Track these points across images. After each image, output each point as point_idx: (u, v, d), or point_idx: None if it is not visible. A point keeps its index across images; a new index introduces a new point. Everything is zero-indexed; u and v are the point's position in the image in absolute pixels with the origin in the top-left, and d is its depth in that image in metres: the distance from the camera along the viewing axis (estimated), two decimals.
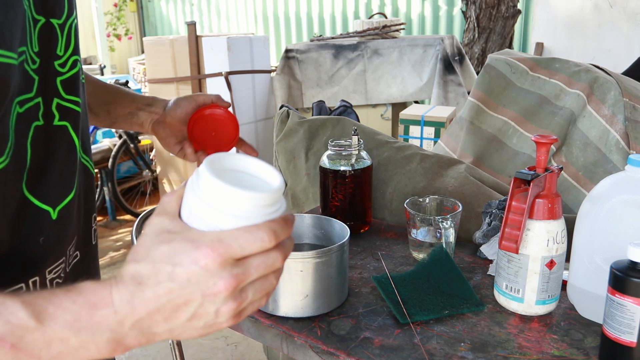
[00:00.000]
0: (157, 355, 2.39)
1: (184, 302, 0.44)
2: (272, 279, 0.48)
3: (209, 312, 0.45)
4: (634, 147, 1.28)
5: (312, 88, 3.67)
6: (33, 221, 0.59)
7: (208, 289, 0.44)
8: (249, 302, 0.46)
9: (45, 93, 0.59)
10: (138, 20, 7.83)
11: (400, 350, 0.80)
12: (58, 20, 0.61)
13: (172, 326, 0.45)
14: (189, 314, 0.45)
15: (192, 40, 3.49)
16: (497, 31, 4.47)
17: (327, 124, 1.48)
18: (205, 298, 0.44)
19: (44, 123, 0.59)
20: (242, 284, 0.45)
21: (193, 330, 0.46)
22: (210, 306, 0.44)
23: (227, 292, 0.44)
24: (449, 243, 1.04)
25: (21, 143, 0.55)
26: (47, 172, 0.61)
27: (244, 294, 0.46)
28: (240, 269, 0.44)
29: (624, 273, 0.71)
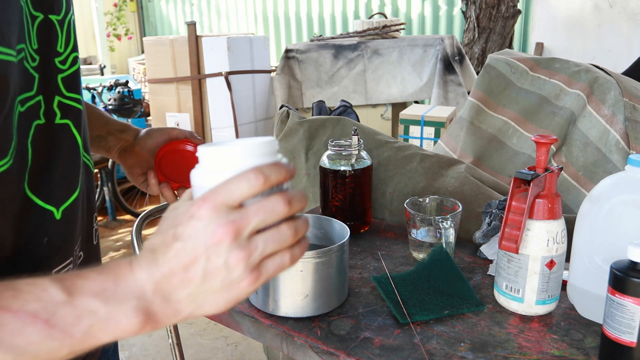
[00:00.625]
0: (157, 355, 2.39)
1: (191, 260, 0.45)
2: (285, 229, 0.47)
3: (219, 267, 0.44)
4: (634, 147, 1.28)
5: (312, 88, 3.67)
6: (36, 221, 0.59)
7: (208, 239, 0.44)
8: (261, 253, 0.46)
9: (46, 91, 0.59)
10: (138, 20, 7.83)
11: (400, 350, 0.80)
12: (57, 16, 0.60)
13: (190, 290, 0.45)
14: (200, 272, 0.45)
15: (192, 40, 3.49)
16: (497, 31, 4.47)
17: (327, 124, 1.48)
18: (209, 250, 0.44)
19: (45, 122, 0.59)
20: (244, 230, 0.45)
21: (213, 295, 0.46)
22: (216, 258, 0.44)
23: (229, 238, 0.44)
24: (449, 243, 1.04)
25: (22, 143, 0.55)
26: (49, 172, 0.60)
27: (252, 244, 0.45)
28: (237, 214, 0.44)
29: (624, 273, 0.71)
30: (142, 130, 0.91)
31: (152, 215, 1.24)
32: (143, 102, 4.09)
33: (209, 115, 3.61)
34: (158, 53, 3.64)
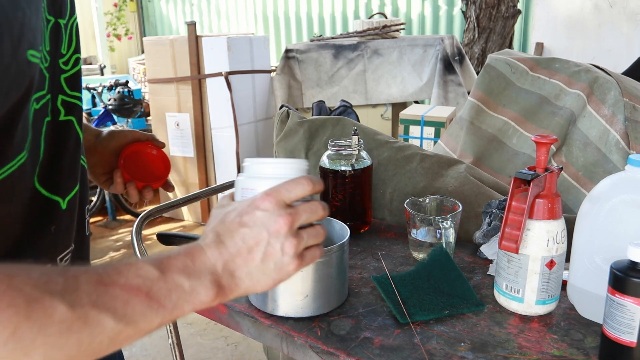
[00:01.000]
0: (157, 355, 2.39)
1: (255, 243, 0.55)
2: (320, 229, 0.59)
3: (277, 250, 0.55)
4: (634, 147, 1.28)
5: (312, 88, 3.67)
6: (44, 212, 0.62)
7: (271, 226, 0.55)
8: (305, 244, 0.57)
9: (53, 90, 0.63)
10: (138, 20, 7.83)
11: (400, 350, 0.80)
12: (63, 20, 0.64)
13: (250, 269, 0.55)
14: (261, 254, 0.55)
15: (192, 40, 3.49)
16: (497, 31, 4.47)
17: (327, 124, 1.48)
18: (271, 235, 0.55)
19: (51, 118, 0.63)
20: (296, 223, 0.56)
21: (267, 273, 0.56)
22: (276, 242, 0.55)
23: (287, 226, 0.55)
24: (449, 243, 1.04)
25: (37, 138, 0.59)
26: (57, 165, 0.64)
27: (300, 235, 0.56)
28: (292, 210, 0.56)
29: (624, 273, 0.71)
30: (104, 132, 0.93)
31: (152, 215, 1.23)
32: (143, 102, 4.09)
33: (209, 115, 3.61)
34: (158, 53, 3.63)
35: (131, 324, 0.48)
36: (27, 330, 0.42)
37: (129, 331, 0.48)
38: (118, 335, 0.47)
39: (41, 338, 0.43)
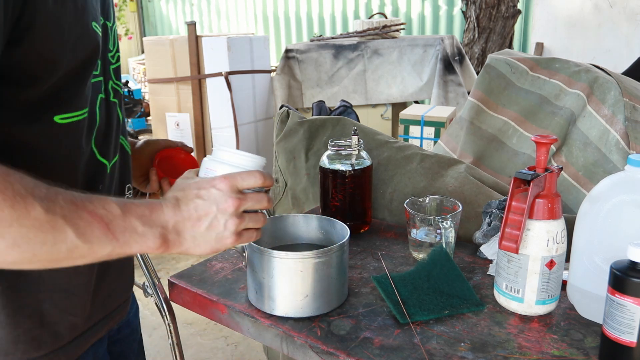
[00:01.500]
0: (157, 355, 2.39)
1: (204, 214, 0.66)
2: (261, 217, 0.71)
3: (220, 224, 0.66)
4: (634, 147, 1.28)
5: (312, 88, 3.67)
6: (95, 171, 0.76)
7: (221, 204, 0.66)
8: (244, 225, 0.68)
9: (105, 75, 0.77)
10: (138, 20, 7.83)
11: (400, 350, 0.80)
12: (110, 23, 0.79)
13: (195, 234, 0.66)
14: (207, 223, 0.66)
15: (192, 40, 3.49)
16: (497, 31, 4.47)
17: (327, 124, 1.48)
18: (219, 211, 0.66)
19: (105, 96, 0.77)
20: (242, 207, 0.67)
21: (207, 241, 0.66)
22: (221, 218, 0.66)
23: (233, 208, 0.66)
24: (449, 243, 1.04)
25: (93, 105, 0.73)
26: (108, 134, 0.78)
27: (243, 217, 0.68)
28: (242, 195, 0.68)
29: (624, 273, 0.71)
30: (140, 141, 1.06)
31: None
32: (143, 102, 4.10)
33: (209, 115, 3.61)
34: (158, 53, 3.63)
35: (87, 243, 0.57)
36: (8, 216, 0.52)
37: (84, 250, 0.58)
38: (74, 249, 0.57)
39: (16, 226, 0.53)
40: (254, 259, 0.89)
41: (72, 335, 0.75)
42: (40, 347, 0.71)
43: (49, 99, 0.65)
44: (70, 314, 0.74)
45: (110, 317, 0.83)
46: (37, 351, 0.71)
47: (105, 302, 0.81)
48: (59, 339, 0.73)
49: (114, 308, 0.84)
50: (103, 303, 0.80)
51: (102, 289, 0.79)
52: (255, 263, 0.89)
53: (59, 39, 0.62)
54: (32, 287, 0.70)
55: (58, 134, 0.67)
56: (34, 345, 0.70)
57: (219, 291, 0.98)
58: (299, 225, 1.02)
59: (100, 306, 0.79)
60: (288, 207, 1.54)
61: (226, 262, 1.10)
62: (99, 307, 0.79)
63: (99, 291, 0.78)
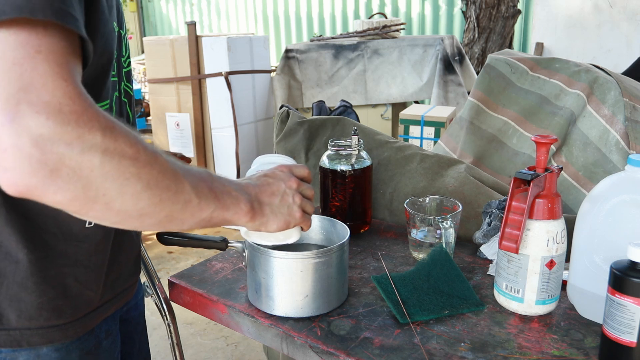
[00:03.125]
0: (157, 355, 2.39)
1: (276, 189, 0.76)
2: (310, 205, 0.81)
3: (289, 197, 0.77)
4: (634, 147, 1.28)
5: (312, 88, 3.67)
6: None
7: (287, 182, 0.78)
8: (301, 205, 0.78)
9: (119, 76, 0.83)
10: (138, 20, 7.83)
11: (400, 350, 0.80)
12: (122, 31, 0.84)
13: (271, 205, 0.75)
14: (280, 196, 0.76)
15: (192, 40, 3.49)
16: (497, 31, 4.47)
17: (327, 124, 1.48)
18: (287, 186, 0.77)
19: (118, 95, 0.83)
20: (301, 188, 0.79)
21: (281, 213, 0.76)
22: (289, 192, 0.77)
23: (295, 185, 0.78)
24: (449, 243, 1.04)
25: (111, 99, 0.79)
26: None
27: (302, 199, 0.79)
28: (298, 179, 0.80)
29: (624, 273, 0.71)
30: None
31: None
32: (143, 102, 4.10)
33: (209, 115, 3.61)
34: (158, 53, 3.63)
35: (198, 198, 0.64)
36: (144, 157, 0.57)
37: (194, 206, 0.63)
38: (188, 203, 0.63)
39: (149, 168, 0.58)
40: (254, 259, 0.89)
41: (88, 309, 0.80)
42: (60, 316, 0.76)
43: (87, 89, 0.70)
44: (87, 289, 0.79)
45: (118, 297, 0.88)
46: (58, 319, 0.76)
47: (114, 283, 0.86)
48: (77, 311, 0.78)
49: (121, 290, 0.89)
50: (113, 284, 0.85)
51: (113, 271, 0.84)
52: (255, 263, 0.89)
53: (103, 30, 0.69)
54: (60, 260, 0.74)
55: None
56: (55, 314, 0.75)
57: (219, 291, 0.98)
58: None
59: (110, 286, 0.85)
60: None
61: (226, 262, 1.10)
62: (109, 287, 0.84)
63: (110, 272, 0.84)
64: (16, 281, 0.72)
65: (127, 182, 0.55)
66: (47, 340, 0.75)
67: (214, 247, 0.97)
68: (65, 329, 0.77)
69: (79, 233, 0.75)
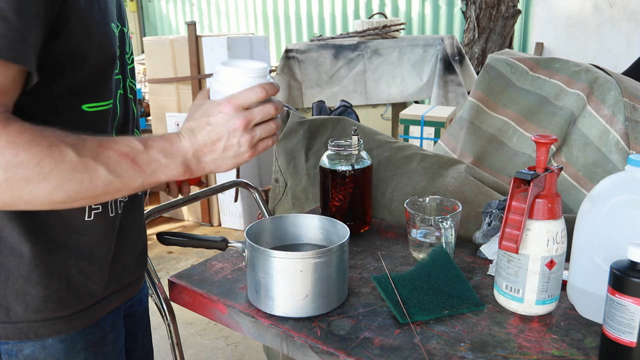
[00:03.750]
0: (157, 355, 2.39)
1: (218, 138, 0.73)
2: (272, 124, 0.76)
3: (234, 144, 0.73)
4: (634, 147, 1.28)
5: (312, 88, 3.67)
6: None
7: (230, 126, 0.73)
8: (258, 137, 0.75)
9: (123, 74, 0.85)
10: (138, 20, 7.82)
11: (400, 350, 0.80)
12: (125, 28, 0.87)
13: (214, 156, 0.74)
14: (222, 145, 0.73)
15: (192, 40, 3.48)
16: (497, 31, 4.47)
17: (327, 124, 1.48)
18: (230, 133, 0.73)
19: (123, 92, 0.85)
20: (251, 123, 0.74)
21: (227, 159, 0.74)
22: (233, 139, 0.73)
23: (242, 127, 0.73)
24: (449, 243, 1.04)
25: (115, 98, 0.81)
26: (126, 126, 0.86)
27: (254, 131, 0.74)
28: (247, 113, 0.73)
29: (624, 273, 0.71)
30: None
31: (152, 215, 1.24)
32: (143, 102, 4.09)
33: None
34: (158, 53, 3.63)
35: (119, 177, 0.67)
36: (48, 162, 0.62)
37: (118, 183, 0.67)
38: (109, 184, 0.66)
39: (56, 171, 0.62)
40: (254, 259, 0.89)
41: (92, 301, 0.82)
42: (65, 308, 0.78)
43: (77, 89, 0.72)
44: (91, 281, 0.80)
45: (123, 290, 0.89)
46: (63, 311, 0.78)
47: (119, 276, 0.87)
48: (81, 302, 0.80)
49: (126, 283, 0.90)
50: (118, 277, 0.87)
51: (117, 264, 0.86)
52: (255, 263, 0.89)
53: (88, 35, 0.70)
54: (62, 252, 0.76)
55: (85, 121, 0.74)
56: (61, 305, 0.77)
57: (219, 291, 0.98)
58: (299, 225, 1.02)
59: (115, 279, 0.86)
60: (288, 207, 1.54)
61: (226, 262, 1.10)
62: (114, 279, 0.86)
63: (115, 266, 0.85)
64: (21, 275, 0.74)
65: (37, 187, 0.62)
66: (54, 332, 0.77)
67: (214, 247, 0.97)
68: (71, 320, 0.79)
69: (79, 226, 0.77)
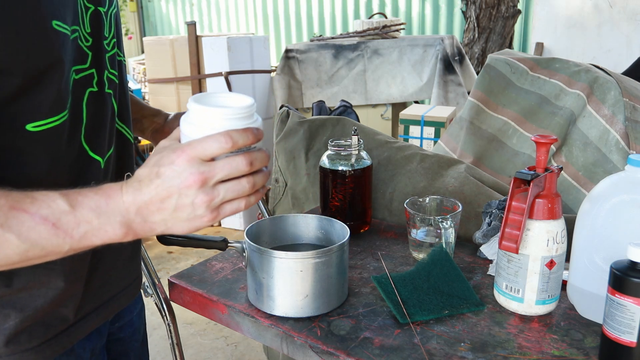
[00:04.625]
0: (157, 355, 2.39)
1: (167, 195, 0.57)
2: (244, 182, 0.59)
3: (187, 204, 0.58)
4: (634, 147, 1.28)
5: (312, 88, 3.67)
6: (88, 169, 0.73)
7: (181, 182, 0.57)
8: (221, 199, 0.58)
9: (99, 66, 0.73)
10: (138, 20, 7.83)
11: (400, 350, 0.80)
12: (103, 8, 0.74)
13: (164, 216, 0.59)
14: (173, 205, 0.58)
15: (192, 40, 3.49)
16: (497, 31, 4.47)
17: (327, 124, 1.48)
18: (181, 190, 0.57)
19: (98, 89, 0.73)
20: (210, 181, 0.57)
21: (180, 222, 0.59)
22: (185, 198, 0.57)
23: (196, 185, 0.57)
24: (449, 243, 1.04)
25: (78, 104, 0.69)
26: (99, 129, 0.74)
27: (216, 191, 0.58)
28: (207, 167, 0.57)
29: (624, 273, 0.71)
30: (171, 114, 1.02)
31: None
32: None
33: None
34: (158, 53, 3.63)
35: (37, 245, 0.57)
36: None
37: (37, 251, 0.57)
38: (26, 252, 0.57)
39: None
40: (254, 259, 0.89)
41: (63, 326, 0.74)
42: (31, 339, 0.71)
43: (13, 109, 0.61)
44: (61, 306, 0.73)
45: (104, 307, 0.82)
46: (30, 342, 0.71)
47: (98, 292, 0.79)
48: (50, 330, 0.73)
49: (107, 298, 0.82)
50: (95, 293, 0.79)
51: (95, 279, 0.78)
52: (255, 263, 0.89)
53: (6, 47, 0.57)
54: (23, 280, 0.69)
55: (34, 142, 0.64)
56: (28, 336, 0.71)
57: (219, 291, 0.98)
58: (299, 225, 1.02)
59: (92, 296, 0.78)
60: (288, 207, 1.54)
61: (226, 262, 1.10)
62: (90, 297, 0.78)
63: (92, 281, 0.77)
64: None
65: None
66: None
67: (214, 247, 0.97)
68: (40, 350, 0.72)
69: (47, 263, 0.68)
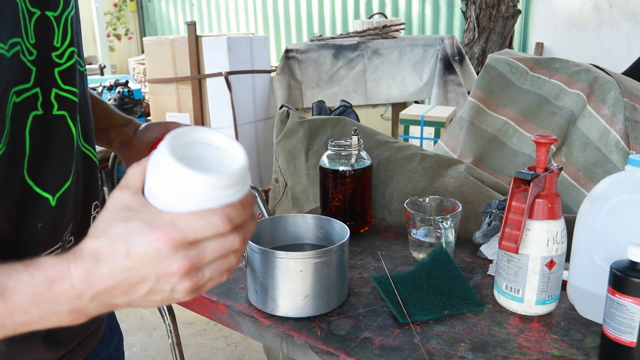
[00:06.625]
0: (157, 355, 2.39)
1: (139, 280, 0.46)
2: (232, 258, 0.48)
3: (165, 290, 0.47)
4: (634, 147, 1.28)
5: (312, 88, 3.67)
6: (33, 208, 0.61)
7: (162, 270, 0.45)
8: (206, 280, 0.48)
9: (44, 83, 0.60)
10: (138, 20, 7.83)
11: (400, 350, 0.80)
12: (54, 12, 0.61)
13: (131, 299, 0.47)
14: (146, 290, 0.46)
15: (192, 40, 3.48)
16: (497, 31, 4.47)
17: (327, 124, 1.48)
18: (160, 278, 0.45)
19: (43, 112, 0.60)
20: (197, 266, 0.46)
21: (151, 302, 0.48)
22: (165, 285, 0.46)
23: (181, 273, 0.45)
24: (449, 243, 1.04)
25: (18, 132, 0.57)
26: (47, 160, 0.61)
27: (201, 274, 0.47)
28: (195, 252, 0.45)
29: (624, 273, 0.71)
30: (142, 125, 0.93)
31: None
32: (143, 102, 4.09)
33: (209, 115, 3.61)
34: (158, 53, 3.63)
35: None
36: None
37: None
38: None
39: None
40: (254, 259, 0.89)
41: None
42: None
43: None
44: None
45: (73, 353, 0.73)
46: None
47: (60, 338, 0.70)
48: None
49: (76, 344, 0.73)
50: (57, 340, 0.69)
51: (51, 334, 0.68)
52: (255, 263, 0.89)
53: None
54: None
55: None
56: None
57: (219, 291, 0.98)
58: (299, 225, 1.02)
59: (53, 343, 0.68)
60: (288, 207, 1.54)
61: None
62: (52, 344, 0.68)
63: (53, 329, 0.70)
64: None
65: None
66: None
67: None
68: None
69: None
